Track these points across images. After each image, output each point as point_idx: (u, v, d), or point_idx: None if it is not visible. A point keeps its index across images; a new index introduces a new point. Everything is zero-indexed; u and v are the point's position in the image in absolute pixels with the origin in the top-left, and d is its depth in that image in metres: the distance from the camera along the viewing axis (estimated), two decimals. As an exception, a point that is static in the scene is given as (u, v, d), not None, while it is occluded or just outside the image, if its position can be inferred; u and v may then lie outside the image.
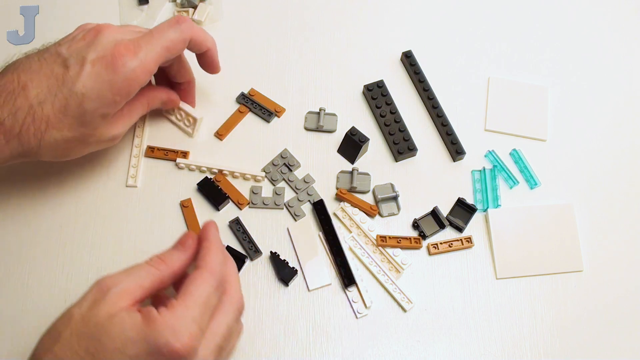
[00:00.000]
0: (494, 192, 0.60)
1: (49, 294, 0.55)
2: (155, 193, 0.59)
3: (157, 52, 0.50)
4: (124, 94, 0.50)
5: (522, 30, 0.69)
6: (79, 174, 0.59)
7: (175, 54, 0.52)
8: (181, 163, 0.60)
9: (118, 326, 0.40)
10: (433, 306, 0.56)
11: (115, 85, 0.48)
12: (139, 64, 0.49)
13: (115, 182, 0.59)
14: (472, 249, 0.58)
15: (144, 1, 0.68)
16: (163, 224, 0.58)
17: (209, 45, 0.55)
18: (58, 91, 0.48)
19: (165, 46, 0.51)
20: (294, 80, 0.65)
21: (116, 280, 0.43)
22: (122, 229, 0.58)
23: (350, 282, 0.55)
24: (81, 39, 0.50)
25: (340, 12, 0.69)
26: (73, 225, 0.58)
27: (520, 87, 0.65)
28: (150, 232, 0.58)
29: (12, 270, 0.56)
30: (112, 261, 0.56)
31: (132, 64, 0.48)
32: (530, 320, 0.56)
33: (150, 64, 0.50)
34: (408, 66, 0.66)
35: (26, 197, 0.58)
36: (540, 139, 0.63)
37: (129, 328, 0.40)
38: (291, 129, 0.63)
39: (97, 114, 0.49)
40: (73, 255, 0.56)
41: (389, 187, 0.60)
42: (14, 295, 0.55)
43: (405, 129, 0.62)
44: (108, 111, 0.50)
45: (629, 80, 0.67)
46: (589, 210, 0.60)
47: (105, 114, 0.50)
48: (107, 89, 0.48)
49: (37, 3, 0.68)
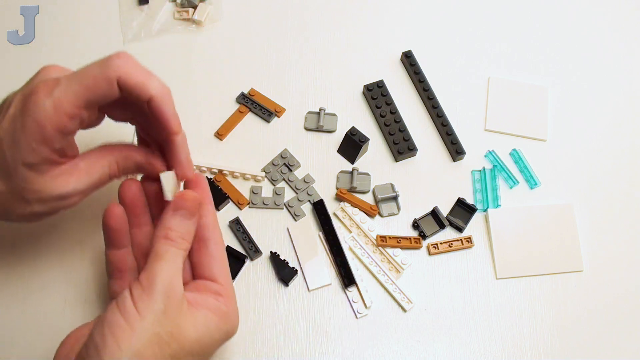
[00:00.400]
0: (494, 192, 0.60)
1: (49, 294, 0.55)
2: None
3: (74, 91, 0.41)
4: (38, 138, 0.40)
5: (522, 30, 0.69)
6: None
7: (101, 96, 0.42)
8: (181, 163, 0.60)
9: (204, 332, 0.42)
10: (433, 306, 0.56)
11: (27, 128, 0.40)
12: (50, 104, 0.40)
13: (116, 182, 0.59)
14: (472, 249, 0.58)
15: (144, 1, 0.68)
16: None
17: (151, 93, 0.42)
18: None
19: (84, 84, 0.41)
20: (294, 80, 0.65)
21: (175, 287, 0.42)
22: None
23: (350, 282, 0.55)
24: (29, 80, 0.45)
25: (340, 12, 0.69)
26: (72, 225, 0.58)
27: (520, 87, 0.65)
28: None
29: (12, 271, 0.56)
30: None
31: (44, 103, 0.40)
32: (530, 320, 0.56)
33: (64, 104, 0.40)
34: (408, 66, 0.66)
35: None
36: (540, 139, 0.63)
37: (215, 330, 0.42)
38: (291, 129, 0.63)
39: (19, 162, 0.41)
40: (73, 256, 0.56)
41: (389, 187, 0.60)
42: (14, 295, 0.55)
43: (405, 129, 0.62)
44: (30, 160, 0.41)
45: (629, 80, 0.67)
46: (589, 210, 0.60)
47: (29, 164, 0.41)
48: (20, 132, 0.41)
49: (37, 3, 0.68)
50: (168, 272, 0.41)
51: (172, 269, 0.41)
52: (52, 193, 0.43)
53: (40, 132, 0.40)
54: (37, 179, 0.42)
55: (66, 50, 0.66)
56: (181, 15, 0.68)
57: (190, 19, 0.68)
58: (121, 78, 0.41)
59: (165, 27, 0.68)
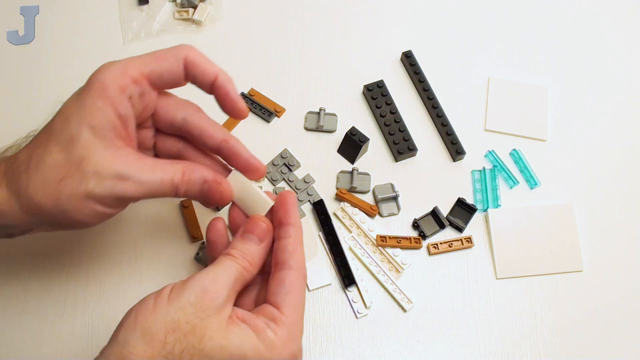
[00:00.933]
0: (494, 192, 0.60)
1: (49, 294, 0.55)
2: (155, 193, 0.59)
3: (141, 59, 0.42)
4: (103, 96, 0.40)
5: (522, 30, 0.69)
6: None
7: (166, 70, 0.43)
8: (181, 163, 0.60)
9: (234, 344, 0.38)
10: (433, 306, 0.56)
11: (93, 89, 0.40)
12: (117, 67, 0.41)
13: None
14: (472, 249, 0.58)
15: (144, 1, 0.68)
16: (163, 224, 0.58)
17: (216, 71, 0.44)
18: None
19: (153, 56, 0.43)
20: (294, 80, 0.65)
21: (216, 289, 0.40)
22: (122, 229, 0.58)
23: (350, 282, 0.55)
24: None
25: (340, 12, 0.69)
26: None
27: (520, 87, 0.65)
28: (150, 232, 0.58)
29: (12, 271, 0.56)
30: (112, 262, 0.56)
31: (110, 67, 0.41)
32: (530, 320, 0.56)
33: (130, 67, 0.41)
34: (408, 66, 0.66)
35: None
36: (540, 139, 0.63)
37: (249, 349, 0.38)
38: (291, 129, 0.63)
39: (83, 123, 0.40)
40: (73, 256, 0.56)
41: (389, 187, 0.60)
42: (14, 296, 0.55)
43: (405, 129, 0.62)
44: (94, 120, 0.40)
45: (629, 80, 0.67)
46: (589, 210, 0.60)
47: (93, 126, 0.40)
48: (86, 93, 0.41)
49: (37, 3, 0.68)
50: (213, 275, 0.40)
51: (219, 274, 0.40)
52: (112, 167, 0.40)
53: (104, 91, 0.40)
54: (99, 147, 0.40)
55: (66, 50, 0.66)
56: (181, 15, 0.68)
57: (190, 19, 0.68)
58: (188, 56, 0.43)
59: (165, 27, 0.68)
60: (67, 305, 0.55)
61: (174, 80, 0.43)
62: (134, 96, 0.41)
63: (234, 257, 0.41)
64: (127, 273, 0.56)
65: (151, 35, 0.67)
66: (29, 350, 0.53)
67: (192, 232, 0.57)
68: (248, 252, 0.42)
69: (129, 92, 0.41)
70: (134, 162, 0.41)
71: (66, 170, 0.40)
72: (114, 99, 0.40)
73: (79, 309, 0.55)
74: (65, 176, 0.40)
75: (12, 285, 0.55)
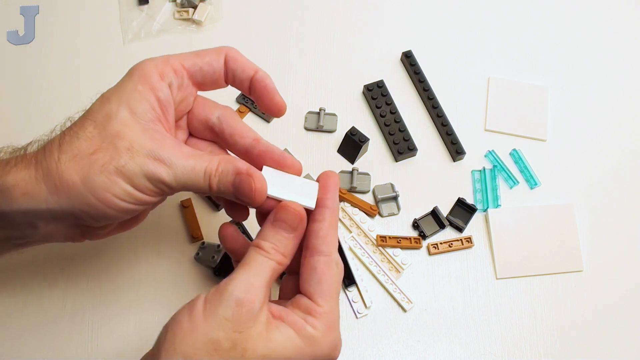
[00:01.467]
0: (494, 192, 0.60)
1: (49, 295, 0.55)
2: (155, 193, 0.59)
3: (183, 53, 0.43)
4: (144, 81, 0.40)
5: (522, 30, 0.69)
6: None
7: (207, 63, 0.43)
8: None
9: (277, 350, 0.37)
10: (433, 306, 0.56)
11: (134, 75, 0.41)
12: (159, 58, 0.42)
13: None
14: (472, 249, 0.58)
15: (144, 1, 0.68)
16: (163, 224, 0.58)
17: (255, 67, 0.44)
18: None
19: (195, 52, 0.43)
20: (294, 80, 0.65)
21: (252, 299, 0.37)
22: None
23: (350, 282, 0.55)
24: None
25: (340, 12, 0.69)
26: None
27: (520, 87, 0.65)
28: (150, 232, 0.57)
29: (12, 271, 0.56)
30: (111, 262, 0.56)
31: (152, 60, 0.42)
32: (530, 320, 0.56)
33: (171, 59, 0.42)
34: (408, 66, 0.66)
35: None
36: (540, 139, 0.63)
37: (292, 351, 0.37)
38: (291, 129, 0.63)
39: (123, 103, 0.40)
40: (72, 256, 0.56)
41: (389, 187, 0.60)
42: (14, 296, 0.55)
43: (405, 129, 0.62)
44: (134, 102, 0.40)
45: (629, 80, 0.67)
46: (589, 210, 0.60)
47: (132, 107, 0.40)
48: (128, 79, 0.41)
49: (37, 3, 0.68)
50: (247, 280, 0.38)
51: (252, 278, 0.38)
52: (145, 145, 0.39)
53: (145, 77, 0.40)
54: (135, 126, 0.39)
55: (66, 50, 0.66)
56: (181, 15, 0.68)
57: (190, 19, 0.68)
58: (229, 53, 0.44)
59: (165, 27, 0.68)
60: (67, 306, 0.55)
61: (214, 75, 0.44)
62: (174, 85, 0.42)
63: (267, 252, 0.39)
64: (127, 273, 0.56)
65: (151, 35, 0.67)
66: (29, 350, 0.53)
67: (192, 232, 0.57)
68: (281, 244, 0.40)
69: (169, 79, 0.41)
70: (170, 146, 0.40)
71: (99, 144, 0.38)
72: (155, 84, 0.40)
73: (79, 309, 0.55)
74: (97, 150, 0.38)
75: (12, 286, 0.55)
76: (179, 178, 0.39)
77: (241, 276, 0.38)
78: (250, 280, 0.38)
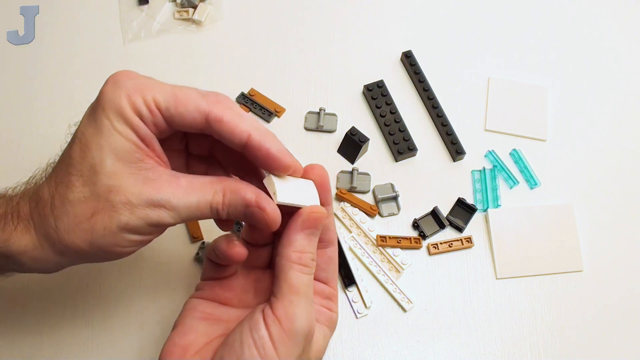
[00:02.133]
0: (494, 192, 0.60)
1: (49, 295, 0.55)
2: (155, 193, 0.59)
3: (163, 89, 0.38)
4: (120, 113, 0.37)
5: (522, 30, 0.69)
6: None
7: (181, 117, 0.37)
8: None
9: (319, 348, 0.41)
10: (433, 306, 0.56)
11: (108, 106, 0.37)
12: (133, 85, 0.37)
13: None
14: (472, 249, 0.58)
15: (144, 1, 0.68)
16: (163, 224, 0.58)
17: (247, 129, 0.38)
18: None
19: (174, 92, 0.38)
20: (294, 80, 0.65)
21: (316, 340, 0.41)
22: (122, 229, 0.58)
23: (351, 282, 0.55)
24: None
25: (340, 12, 0.69)
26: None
27: (520, 87, 0.65)
28: (150, 232, 0.58)
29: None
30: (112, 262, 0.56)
31: (124, 81, 0.38)
32: (530, 320, 0.56)
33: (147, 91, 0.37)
34: (408, 66, 0.66)
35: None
36: (540, 139, 0.63)
37: (324, 341, 0.42)
38: (291, 129, 0.63)
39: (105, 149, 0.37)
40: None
41: (389, 187, 0.60)
42: (14, 296, 0.55)
43: (405, 129, 0.62)
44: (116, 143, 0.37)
45: (629, 80, 0.67)
46: (589, 210, 0.60)
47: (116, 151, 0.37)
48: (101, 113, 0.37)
49: (37, 3, 0.68)
50: (308, 312, 0.38)
51: (310, 306, 0.38)
52: (143, 194, 0.36)
53: (121, 112, 0.36)
54: (125, 174, 0.36)
55: (66, 50, 0.66)
56: (181, 15, 0.68)
57: (190, 19, 0.68)
58: (213, 113, 0.37)
59: (165, 27, 0.68)
60: (67, 306, 0.55)
61: (192, 130, 0.38)
62: (149, 121, 0.37)
63: (309, 267, 0.39)
64: (127, 273, 0.56)
65: (151, 35, 0.67)
66: (29, 350, 0.53)
67: (192, 232, 0.57)
68: (315, 251, 0.40)
69: (142, 113, 0.37)
70: (167, 185, 0.37)
71: (94, 205, 0.36)
72: (131, 119, 0.37)
73: (79, 309, 0.55)
74: (94, 212, 0.36)
75: (12, 286, 0.55)
76: (184, 217, 0.38)
77: (301, 308, 0.38)
78: (310, 310, 0.38)
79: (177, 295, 0.55)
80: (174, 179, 0.37)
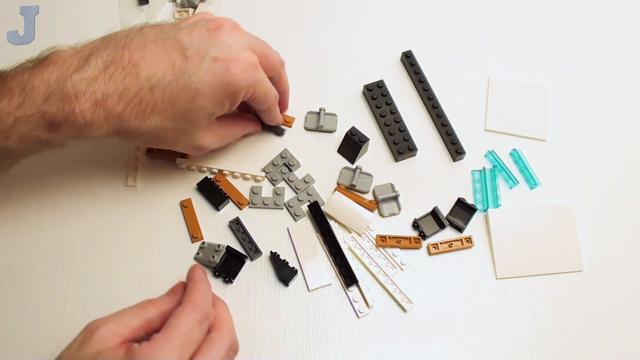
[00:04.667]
0: (494, 192, 0.60)
1: (49, 294, 0.55)
2: (155, 193, 0.59)
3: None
4: (234, 100, 0.50)
5: (522, 30, 0.69)
6: (79, 174, 0.59)
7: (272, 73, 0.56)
8: (181, 163, 0.60)
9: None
10: (433, 306, 0.56)
11: (229, 89, 0.49)
12: (258, 79, 0.51)
13: (115, 182, 0.60)
14: (472, 249, 0.58)
15: (144, 1, 0.68)
16: (163, 224, 0.58)
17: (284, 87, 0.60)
18: (172, 81, 0.47)
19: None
20: (294, 80, 0.65)
21: (103, 322, 0.45)
22: (122, 229, 0.58)
23: (352, 282, 0.55)
24: (202, 30, 0.49)
25: (340, 12, 0.69)
26: (72, 225, 0.58)
27: (520, 87, 0.65)
28: (150, 232, 0.58)
29: (12, 271, 0.56)
30: (111, 261, 0.56)
31: (253, 76, 0.50)
32: (530, 320, 0.56)
33: (263, 81, 0.52)
34: (408, 66, 0.66)
35: (25, 197, 0.58)
36: (540, 139, 0.63)
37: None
38: (291, 129, 0.63)
39: (204, 112, 0.49)
40: (73, 256, 0.56)
41: (389, 187, 0.60)
42: (14, 295, 0.55)
43: (405, 129, 0.62)
44: (214, 111, 0.50)
45: (629, 80, 0.67)
46: (589, 210, 0.60)
47: (210, 114, 0.50)
48: (222, 90, 0.48)
49: (37, 3, 0.68)
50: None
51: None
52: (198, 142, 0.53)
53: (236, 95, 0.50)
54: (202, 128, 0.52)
55: (66, 50, 0.66)
56: (181, 15, 0.68)
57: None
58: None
59: (165, 27, 0.68)
60: (67, 306, 0.55)
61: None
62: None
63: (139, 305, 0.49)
64: (127, 273, 0.56)
65: (151, 35, 0.67)
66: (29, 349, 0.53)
67: (192, 232, 0.57)
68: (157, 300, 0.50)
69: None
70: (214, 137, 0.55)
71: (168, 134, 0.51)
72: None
73: (79, 309, 0.55)
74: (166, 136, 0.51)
75: (13, 285, 0.55)
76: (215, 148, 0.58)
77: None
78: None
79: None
80: (216, 128, 0.54)
